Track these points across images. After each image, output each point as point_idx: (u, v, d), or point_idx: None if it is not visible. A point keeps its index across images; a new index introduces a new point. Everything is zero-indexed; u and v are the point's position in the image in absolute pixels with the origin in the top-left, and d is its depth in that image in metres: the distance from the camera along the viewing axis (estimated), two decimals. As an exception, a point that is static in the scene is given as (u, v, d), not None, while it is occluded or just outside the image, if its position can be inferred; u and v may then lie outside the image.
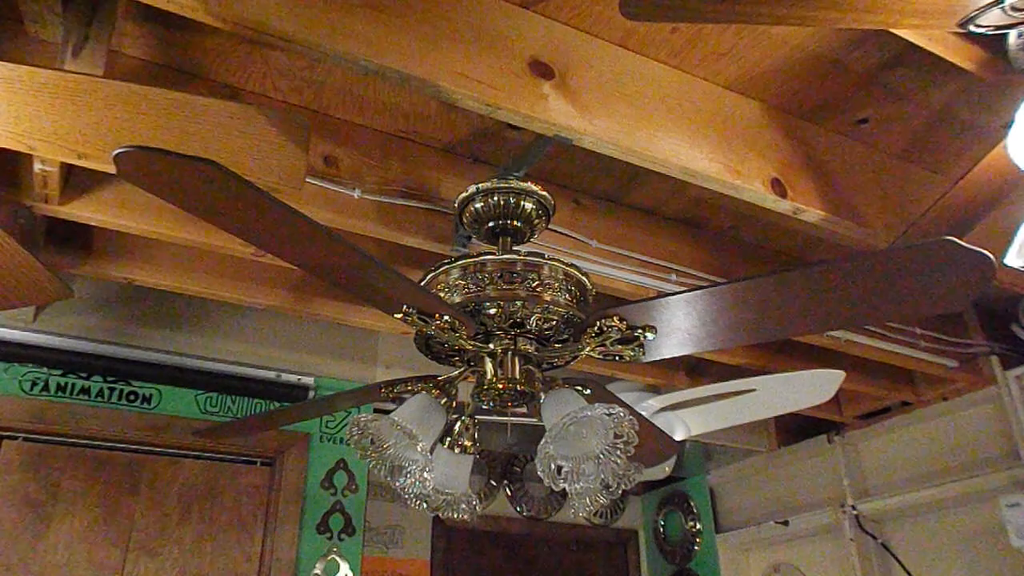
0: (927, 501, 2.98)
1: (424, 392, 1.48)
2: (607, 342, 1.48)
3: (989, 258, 1.03)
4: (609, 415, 1.27)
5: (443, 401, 1.48)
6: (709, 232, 2.48)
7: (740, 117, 1.88)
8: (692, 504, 4.03)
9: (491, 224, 1.74)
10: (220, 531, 2.55)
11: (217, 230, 1.94)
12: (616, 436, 1.31)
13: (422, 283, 1.62)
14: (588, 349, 1.52)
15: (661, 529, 4.15)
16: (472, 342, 1.52)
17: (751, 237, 2.52)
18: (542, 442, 1.31)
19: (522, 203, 1.71)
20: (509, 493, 4.02)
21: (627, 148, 1.68)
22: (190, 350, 2.64)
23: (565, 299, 1.55)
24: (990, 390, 2.84)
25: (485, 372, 1.57)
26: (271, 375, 2.73)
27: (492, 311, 1.51)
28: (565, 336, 1.59)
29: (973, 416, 2.94)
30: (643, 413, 2.64)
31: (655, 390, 2.74)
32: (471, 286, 1.52)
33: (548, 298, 1.52)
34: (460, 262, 1.55)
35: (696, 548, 3.92)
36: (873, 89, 1.90)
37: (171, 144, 1.35)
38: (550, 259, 1.54)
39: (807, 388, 2.48)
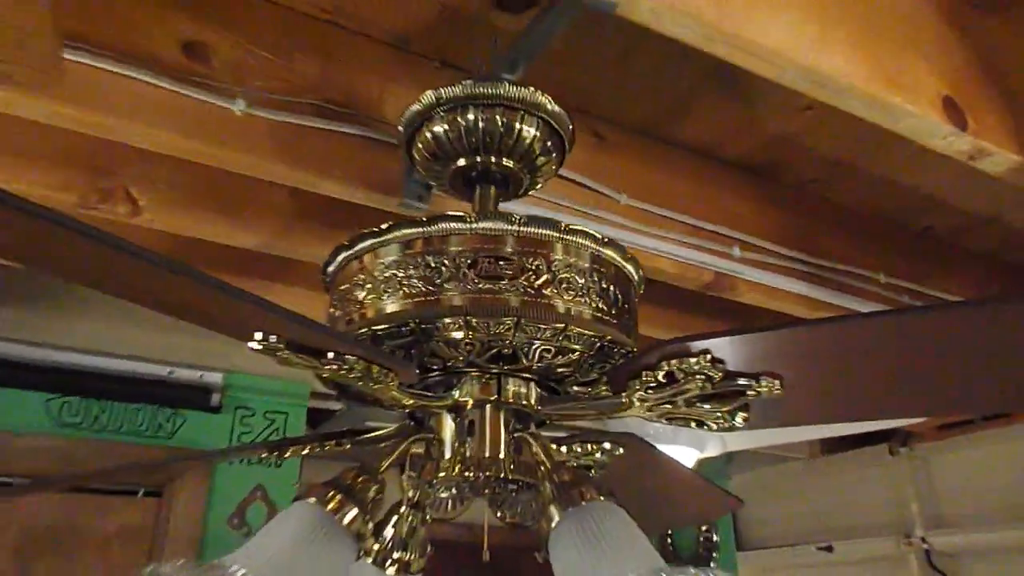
0: (1021, 542, 2.31)
1: (314, 501, 0.73)
2: (681, 397, 0.76)
3: None
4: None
5: (348, 519, 0.73)
6: (785, 186, 1.73)
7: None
8: (708, 512, 3.38)
9: (462, 163, 0.99)
10: (84, 590, 1.82)
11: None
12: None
13: (327, 269, 0.88)
14: (639, 407, 0.80)
15: (669, 540, 3.51)
16: (412, 393, 0.79)
17: (845, 195, 1.76)
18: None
19: (517, 124, 0.95)
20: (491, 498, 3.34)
21: (714, 27, 0.91)
22: (37, 336, 1.86)
23: (596, 308, 0.82)
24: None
25: (442, 441, 0.85)
26: (160, 371, 1.97)
27: (456, 334, 0.76)
28: (593, 376, 0.86)
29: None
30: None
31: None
32: (416, 283, 0.78)
33: (564, 308, 0.79)
34: (396, 233, 0.80)
35: (713, 566, 3.27)
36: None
37: None
38: (570, 229, 0.80)
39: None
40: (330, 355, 0.64)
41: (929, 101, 1.07)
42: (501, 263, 0.77)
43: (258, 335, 0.63)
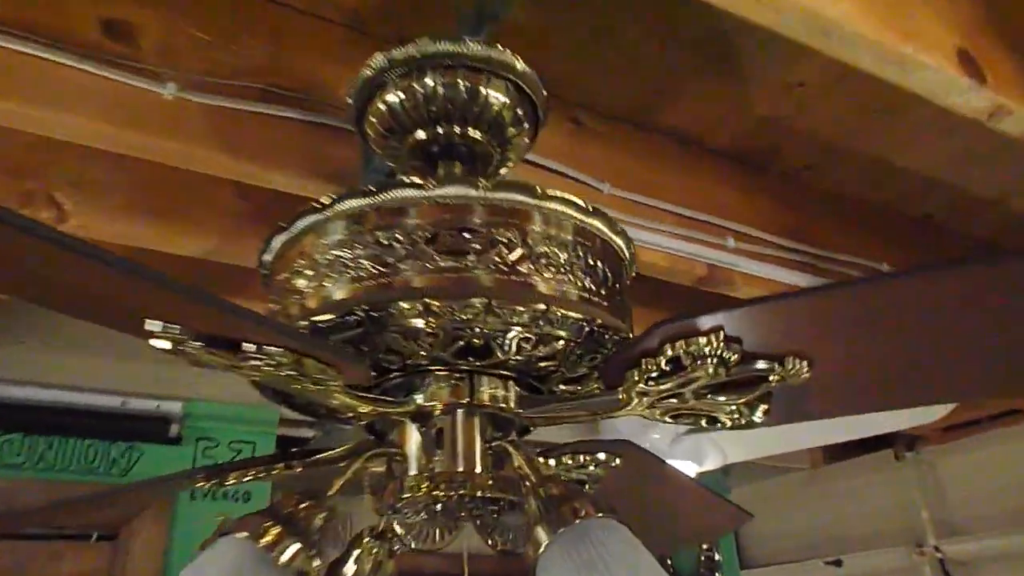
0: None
1: (245, 535, 0.59)
2: (689, 388, 0.63)
3: None
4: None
5: (288, 556, 0.59)
6: (776, 173, 1.62)
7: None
8: (708, 530, 3.23)
9: (421, 136, 0.86)
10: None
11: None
12: None
13: (263, 259, 0.74)
14: (639, 403, 0.67)
15: (668, 562, 3.35)
16: (367, 398, 0.66)
17: (839, 182, 1.66)
18: None
19: (482, 88, 0.83)
20: (477, 523, 3.17)
21: (705, -34, 0.80)
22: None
23: (582, 287, 0.69)
24: None
25: (405, 456, 0.72)
26: (112, 401, 1.81)
27: (415, 322, 0.63)
28: (583, 371, 0.74)
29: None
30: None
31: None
32: (365, 264, 0.65)
33: (544, 286, 0.65)
34: (340, 207, 0.67)
35: (715, 586, 3.12)
36: None
37: None
38: (548, 195, 0.68)
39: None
40: (248, 347, 0.51)
41: (944, 54, 0.96)
42: (466, 236, 0.64)
43: (155, 325, 0.49)
